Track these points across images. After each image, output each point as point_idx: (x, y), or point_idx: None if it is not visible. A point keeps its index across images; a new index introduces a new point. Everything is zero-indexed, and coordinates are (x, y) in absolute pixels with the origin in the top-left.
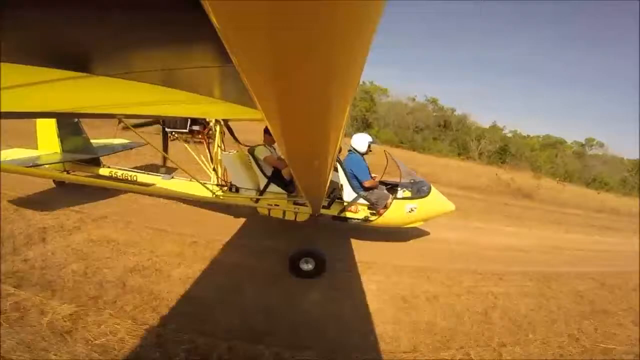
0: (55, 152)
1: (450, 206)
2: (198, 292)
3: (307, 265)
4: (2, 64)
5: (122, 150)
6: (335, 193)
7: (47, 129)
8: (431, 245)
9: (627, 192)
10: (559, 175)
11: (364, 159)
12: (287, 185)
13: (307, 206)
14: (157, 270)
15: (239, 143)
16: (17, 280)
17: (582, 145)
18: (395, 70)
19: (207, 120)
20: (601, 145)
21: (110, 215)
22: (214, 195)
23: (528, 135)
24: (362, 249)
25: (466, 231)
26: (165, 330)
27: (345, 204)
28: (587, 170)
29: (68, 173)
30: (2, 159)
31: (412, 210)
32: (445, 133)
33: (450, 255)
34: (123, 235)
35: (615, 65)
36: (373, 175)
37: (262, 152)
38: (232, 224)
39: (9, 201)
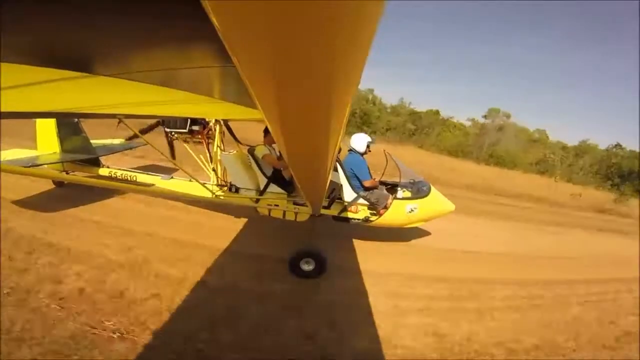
0: (55, 152)
1: (450, 206)
2: None
3: (308, 266)
4: (2, 64)
5: (122, 151)
6: (335, 193)
7: (46, 129)
8: None
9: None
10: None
11: (363, 159)
12: (287, 185)
13: (307, 206)
14: None
15: (239, 143)
16: None
17: (485, 116)
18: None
19: (207, 120)
20: (507, 116)
21: None
22: (214, 196)
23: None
24: None
25: None
26: None
27: (345, 204)
28: (489, 146)
29: (67, 173)
30: (1, 159)
31: (412, 210)
32: None
33: None
34: None
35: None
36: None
37: (262, 152)
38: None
39: None
